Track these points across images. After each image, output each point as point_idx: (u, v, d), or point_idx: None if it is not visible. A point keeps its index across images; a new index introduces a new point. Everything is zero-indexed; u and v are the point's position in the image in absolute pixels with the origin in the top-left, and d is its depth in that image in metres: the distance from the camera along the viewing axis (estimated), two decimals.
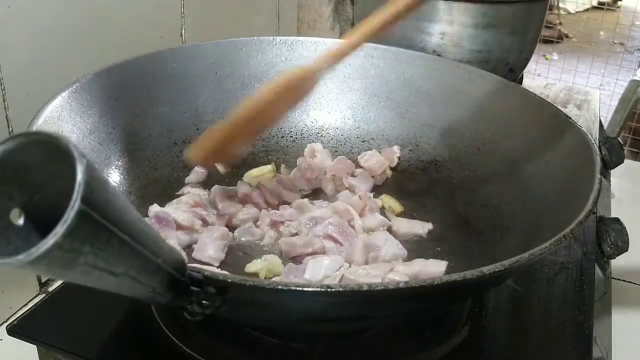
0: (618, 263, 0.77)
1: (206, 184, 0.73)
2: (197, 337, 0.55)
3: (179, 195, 0.69)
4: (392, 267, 0.60)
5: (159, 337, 0.55)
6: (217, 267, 0.60)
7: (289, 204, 0.70)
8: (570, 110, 1.18)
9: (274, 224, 0.66)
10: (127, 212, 0.28)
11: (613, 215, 0.78)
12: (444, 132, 0.78)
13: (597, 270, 0.70)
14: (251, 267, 0.61)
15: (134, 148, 0.69)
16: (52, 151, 0.25)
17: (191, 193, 0.68)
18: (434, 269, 0.60)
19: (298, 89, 0.61)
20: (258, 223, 0.67)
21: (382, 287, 0.39)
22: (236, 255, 0.64)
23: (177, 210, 0.64)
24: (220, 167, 0.65)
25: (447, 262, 0.61)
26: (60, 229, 0.23)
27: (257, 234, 0.66)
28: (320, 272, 0.58)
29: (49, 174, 0.27)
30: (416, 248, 0.65)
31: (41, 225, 0.27)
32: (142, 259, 0.30)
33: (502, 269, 0.41)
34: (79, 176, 0.23)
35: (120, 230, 0.26)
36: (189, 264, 0.37)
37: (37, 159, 0.26)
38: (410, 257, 0.64)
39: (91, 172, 0.24)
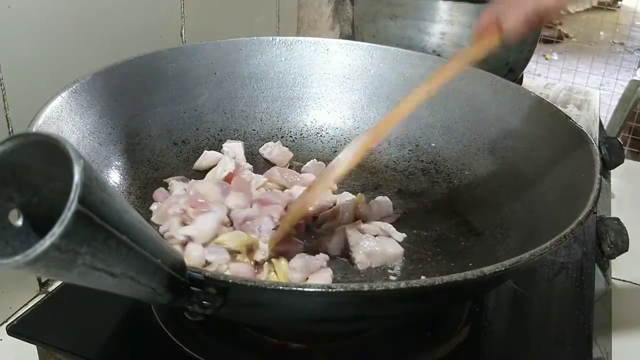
0: (618, 263, 0.77)
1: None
2: (197, 337, 0.55)
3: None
4: None
5: (159, 337, 0.55)
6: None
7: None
8: (570, 110, 1.18)
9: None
10: (125, 212, 0.27)
11: (613, 215, 0.78)
12: (443, 132, 0.78)
13: (597, 270, 0.70)
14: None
15: (133, 148, 0.69)
16: (51, 152, 0.25)
17: (175, 195, 0.67)
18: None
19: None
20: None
21: (382, 288, 0.39)
22: None
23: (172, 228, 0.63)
24: None
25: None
26: (57, 230, 0.23)
27: None
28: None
29: (47, 174, 0.27)
30: (416, 248, 0.65)
31: (40, 226, 0.27)
32: (140, 260, 0.29)
33: (503, 269, 0.41)
34: (76, 177, 0.23)
35: (118, 230, 0.26)
36: (189, 265, 0.37)
37: (36, 159, 0.26)
38: (409, 257, 0.64)
39: (89, 173, 0.24)
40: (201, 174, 0.74)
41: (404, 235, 0.67)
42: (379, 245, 0.63)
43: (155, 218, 0.65)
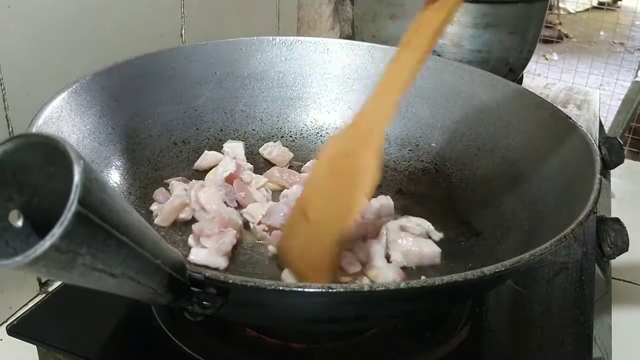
0: (618, 263, 0.77)
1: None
2: (197, 337, 0.55)
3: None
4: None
5: (159, 337, 0.55)
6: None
7: None
8: (570, 110, 1.18)
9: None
10: (125, 213, 0.28)
11: (613, 215, 0.78)
12: (443, 132, 0.78)
13: (597, 270, 0.70)
14: None
15: (133, 148, 0.69)
16: (51, 153, 0.25)
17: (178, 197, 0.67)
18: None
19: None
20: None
21: (383, 288, 0.39)
22: None
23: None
24: None
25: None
26: (57, 231, 0.23)
27: None
28: None
29: (47, 175, 0.27)
30: None
31: (40, 226, 0.27)
32: (141, 260, 0.29)
33: (503, 269, 0.41)
34: (76, 178, 0.23)
35: (118, 231, 0.26)
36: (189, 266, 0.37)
37: (36, 160, 0.26)
38: None
39: (89, 174, 0.24)
40: (201, 174, 0.74)
41: (442, 234, 0.67)
42: (416, 245, 0.63)
43: (159, 220, 0.65)
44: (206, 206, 0.65)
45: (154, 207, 0.67)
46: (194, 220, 0.66)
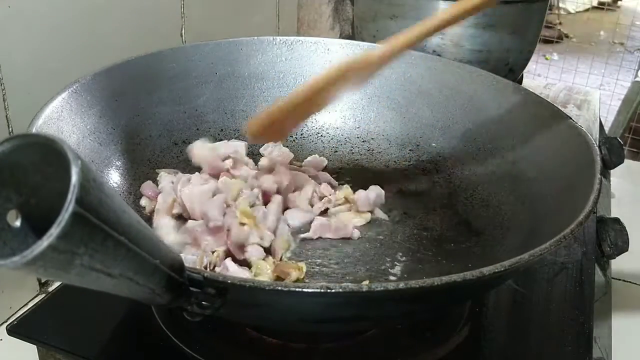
0: (618, 263, 0.77)
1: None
2: (197, 337, 0.55)
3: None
4: None
5: (159, 337, 0.55)
6: None
7: None
8: (570, 110, 1.18)
9: None
10: (123, 213, 0.27)
11: (613, 215, 0.78)
12: (444, 132, 0.78)
13: (597, 270, 0.70)
14: None
15: (134, 148, 0.69)
16: (48, 153, 0.25)
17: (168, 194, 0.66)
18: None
19: (357, 75, 0.60)
20: None
21: (382, 288, 0.39)
22: None
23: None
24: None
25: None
26: (54, 231, 0.23)
27: None
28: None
29: (45, 175, 0.27)
30: (416, 248, 0.65)
31: (38, 227, 0.27)
32: (139, 260, 0.29)
33: (502, 269, 0.41)
34: (74, 178, 0.23)
35: (116, 231, 0.26)
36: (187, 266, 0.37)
37: (34, 160, 0.26)
38: (409, 257, 0.64)
39: (87, 174, 0.24)
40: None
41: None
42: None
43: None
44: (187, 204, 0.64)
45: (143, 201, 0.66)
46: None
